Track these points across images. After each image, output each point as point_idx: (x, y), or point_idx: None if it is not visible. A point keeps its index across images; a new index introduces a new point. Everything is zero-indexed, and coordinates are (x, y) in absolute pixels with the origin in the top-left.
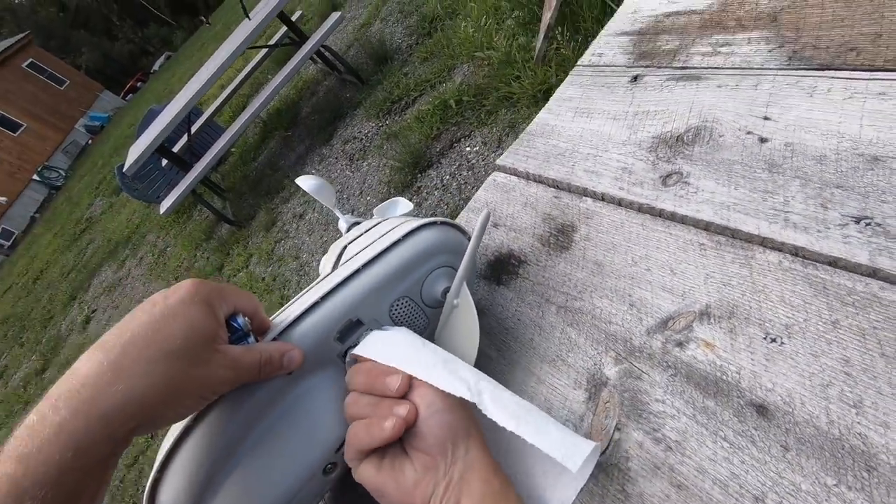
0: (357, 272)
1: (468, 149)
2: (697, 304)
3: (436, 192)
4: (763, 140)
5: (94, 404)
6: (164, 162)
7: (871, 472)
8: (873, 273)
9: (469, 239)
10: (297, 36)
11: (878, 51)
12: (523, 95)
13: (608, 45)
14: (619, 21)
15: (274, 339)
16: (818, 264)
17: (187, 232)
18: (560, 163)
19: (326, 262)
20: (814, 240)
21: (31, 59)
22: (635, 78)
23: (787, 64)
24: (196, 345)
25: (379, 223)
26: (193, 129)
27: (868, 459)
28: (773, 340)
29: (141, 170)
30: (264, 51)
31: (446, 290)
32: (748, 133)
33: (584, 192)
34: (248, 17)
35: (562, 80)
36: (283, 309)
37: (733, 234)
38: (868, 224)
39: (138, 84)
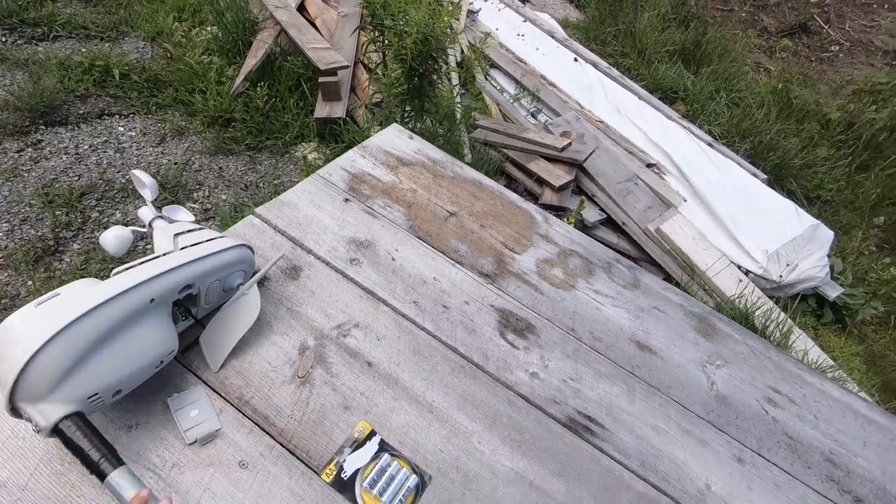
0: (205, 257)
1: (122, 129)
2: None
3: (64, 156)
4: None
5: None
6: None
7: None
8: None
9: (253, 253)
10: None
11: None
12: (203, 112)
13: (335, 172)
14: (343, 161)
15: (144, 282)
16: None
17: None
18: (298, 229)
19: (161, 239)
20: None
21: None
22: (346, 199)
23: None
24: None
25: (200, 229)
26: None
27: None
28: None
29: None
30: None
31: (240, 284)
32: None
33: (309, 251)
34: None
35: (244, 119)
36: (140, 261)
37: None
38: None
39: None
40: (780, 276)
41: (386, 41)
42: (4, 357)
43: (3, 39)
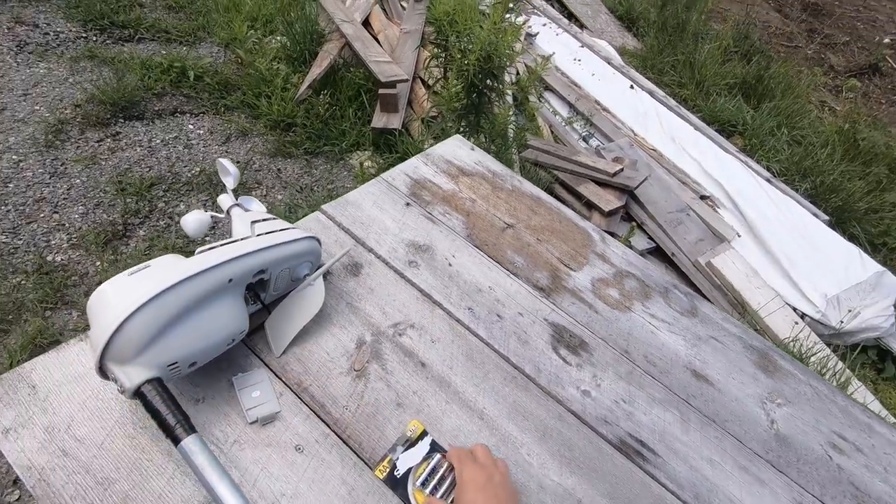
0: (280, 244)
1: (191, 127)
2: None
3: (138, 148)
4: None
5: None
6: None
7: None
8: None
9: (321, 246)
10: None
11: None
12: (267, 115)
13: (398, 177)
14: (406, 167)
15: (225, 262)
16: None
17: None
18: (361, 228)
19: (239, 225)
20: None
21: None
22: (407, 204)
23: None
24: None
25: (274, 219)
26: None
27: None
28: None
29: None
30: None
31: (307, 275)
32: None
33: (370, 250)
34: None
35: (304, 125)
36: (221, 243)
37: None
38: None
39: None
40: (841, 323)
41: (449, 56)
42: (98, 321)
43: (94, 38)
